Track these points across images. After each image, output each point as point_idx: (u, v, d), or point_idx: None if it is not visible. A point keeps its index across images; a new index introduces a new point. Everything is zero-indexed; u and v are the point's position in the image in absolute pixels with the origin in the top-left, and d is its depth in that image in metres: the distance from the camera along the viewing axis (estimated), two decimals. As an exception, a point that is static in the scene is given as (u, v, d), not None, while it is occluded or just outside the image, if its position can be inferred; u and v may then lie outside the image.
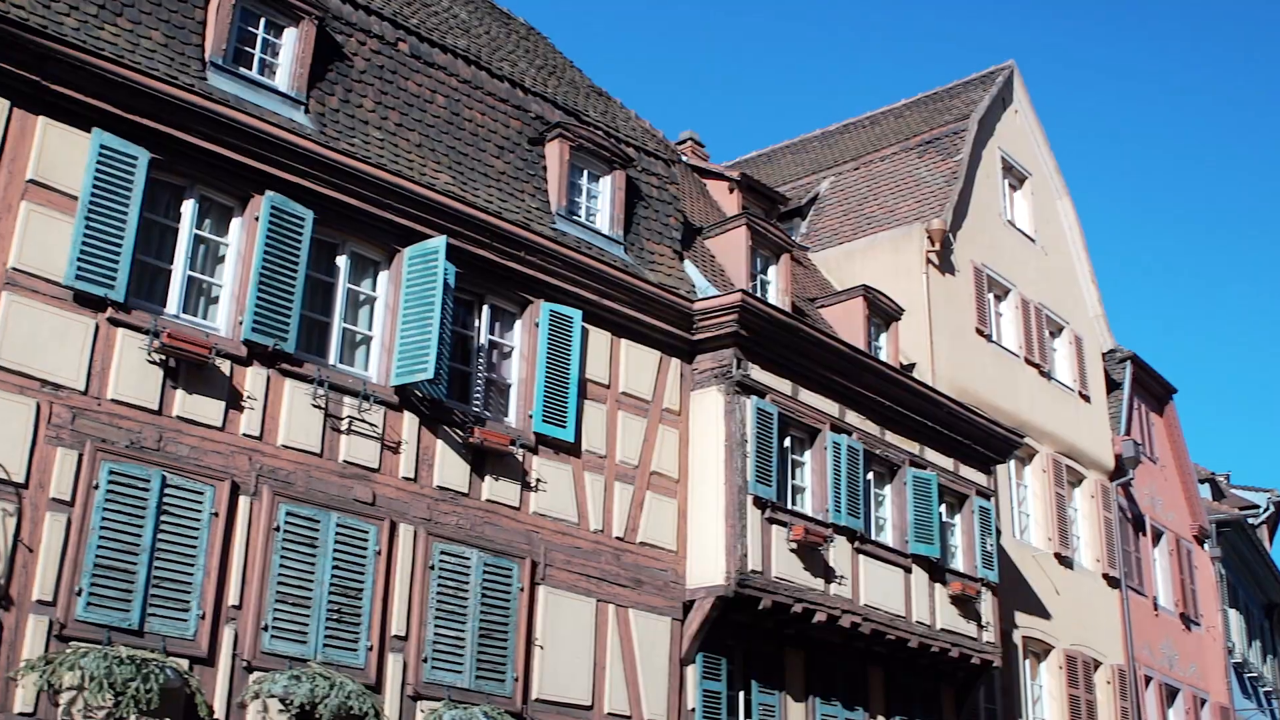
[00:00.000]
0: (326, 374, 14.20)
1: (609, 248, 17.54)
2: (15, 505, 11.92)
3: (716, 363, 17.69)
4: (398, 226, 15.12)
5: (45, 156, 12.86)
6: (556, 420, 16.01)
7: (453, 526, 14.82)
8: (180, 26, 14.38)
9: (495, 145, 17.04)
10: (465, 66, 17.32)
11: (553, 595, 15.50)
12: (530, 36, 20.42)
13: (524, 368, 16.15)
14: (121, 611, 12.21)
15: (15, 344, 12.23)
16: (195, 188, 13.95)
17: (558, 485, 15.96)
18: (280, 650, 13.13)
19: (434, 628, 14.35)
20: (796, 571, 17.55)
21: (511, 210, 16.45)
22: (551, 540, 15.70)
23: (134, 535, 12.45)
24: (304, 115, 14.95)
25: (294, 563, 13.43)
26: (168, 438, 12.93)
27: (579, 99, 19.14)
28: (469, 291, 15.85)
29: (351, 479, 14.13)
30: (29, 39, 12.73)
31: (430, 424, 14.96)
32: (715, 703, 16.78)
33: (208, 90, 14.05)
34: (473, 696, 14.43)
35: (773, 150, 32.61)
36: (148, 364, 12.97)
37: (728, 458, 17.14)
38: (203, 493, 12.98)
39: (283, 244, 14.06)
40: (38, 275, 12.51)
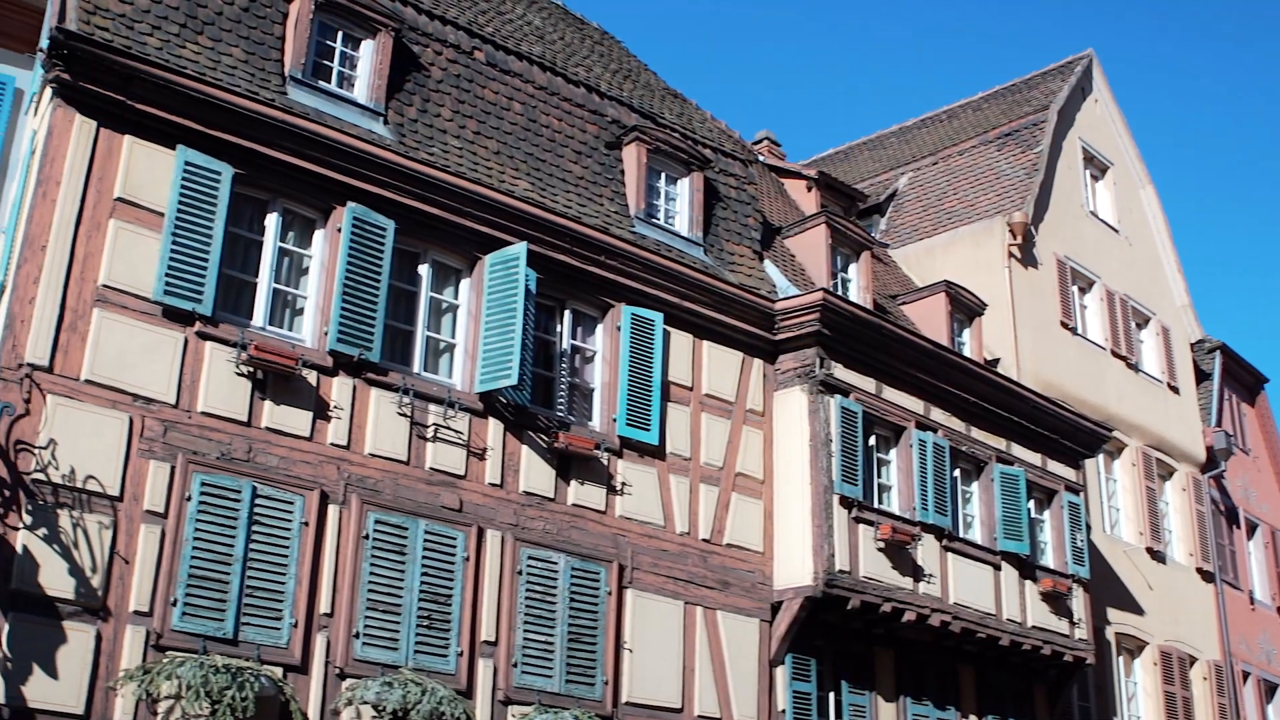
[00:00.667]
0: (411, 382, 14.31)
1: (689, 249, 17.53)
2: (111, 518, 12.13)
3: (799, 362, 17.61)
4: (478, 234, 15.20)
5: (132, 175, 13.09)
6: (640, 423, 16.01)
7: (539, 531, 14.87)
8: (260, 42, 14.56)
9: (573, 150, 17.09)
10: (541, 73, 17.38)
11: (640, 598, 15.51)
12: (604, 41, 20.46)
13: (607, 372, 16.18)
14: (216, 621, 12.38)
15: (107, 359, 12.47)
16: (278, 201, 14.12)
17: (643, 488, 15.97)
18: (372, 657, 13.24)
19: (523, 632, 14.40)
20: (884, 571, 17.43)
21: (591, 214, 16.49)
22: (638, 543, 15.70)
23: (226, 545, 12.62)
24: (383, 126, 15.09)
25: (383, 570, 13.54)
26: (257, 449, 13.09)
27: (655, 102, 19.15)
28: (550, 297, 15.91)
29: (438, 486, 14.22)
30: (114, 60, 12.97)
31: (515, 430, 15.03)
32: (805, 704, 16.70)
33: (288, 104, 14.22)
34: (563, 700, 14.46)
35: (850, 147, 32.45)
36: (236, 376, 13.15)
37: (813, 457, 17.06)
38: (293, 502, 13.12)
39: (365, 254, 14.19)
40: (127, 291, 12.74)
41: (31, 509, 11.78)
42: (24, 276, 12.34)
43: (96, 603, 11.88)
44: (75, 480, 12.02)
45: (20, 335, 12.17)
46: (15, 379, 12.03)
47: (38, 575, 11.65)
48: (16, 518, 11.70)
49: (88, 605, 11.83)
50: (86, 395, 12.30)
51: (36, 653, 11.50)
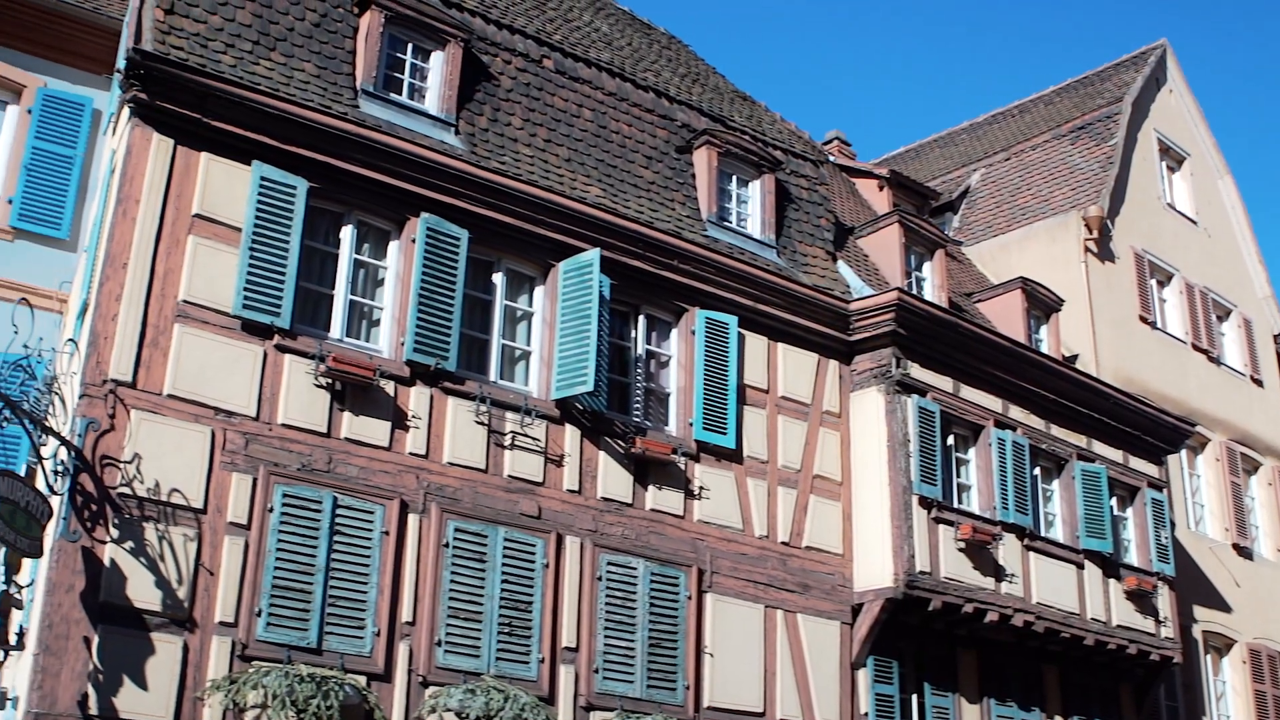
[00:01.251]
0: (488, 390, 14.38)
1: (761, 252, 17.49)
2: (195, 530, 12.30)
3: (875, 363, 17.52)
4: (551, 241, 15.25)
5: (209, 191, 13.27)
6: (717, 427, 15.98)
7: (618, 537, 14.89)
8: (331, 57, 14.71)
9: (643, 155, 17.11)
10: (610, 79, 17.42)
11: (720, 602, 15.47)
12: (672, 45, 20.46)
13: (682, 376, 16.17)
14: (300, 630, 12.50)
15: (189, 374, 12.64)
16: (353, 213, 14.25)
17: (721, 492, 15.94)
18: (454, 665, 13.31)
19: (604, 638, 14.42)
20: (965, 571, 17.28)
21: (663, 219, 16.50)
22: (717, 547, 15.68)
23: (309, 556, 12.74)
24: (454, 136, 15.18)
25: (464, 578, 13.61)
26: (337, 459, 13.21)
27: (724, 105, 19.13)
28: (624, 302, 15.93)
29: (517, 493, 14.28)
30: (190, 78, 13.15)
31: (592, 436, 15.06)
32: (888, 706, 16.59)
33: (361, 117, 14.35)
34: (645, 706, 14.46)
35: (920, 145, 32.24)
36: (315, 388, 13.28)
37: (891, 458, 16.95)
38: (373, 512, 13.22)
39: (440, 264, 14.28)
40: (207, 306, 12.92)
41: (118, 522, 11.97)
42: (106, 294, 12.53)
43: (183, 614, 12.04)
44: (160, 493, 12.20)
45: (104, 352, 12.36)
46: (100, 395, 12.22)
47: (125, 588, 11.83)
48: (104, 531, 11.89)
49: (175, 617, 11.99)
50: (169, 410, 12.48)
51: (126, 664, 11.67)
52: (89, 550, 11.79)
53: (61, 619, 11.53)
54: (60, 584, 11.62)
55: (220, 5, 14.12)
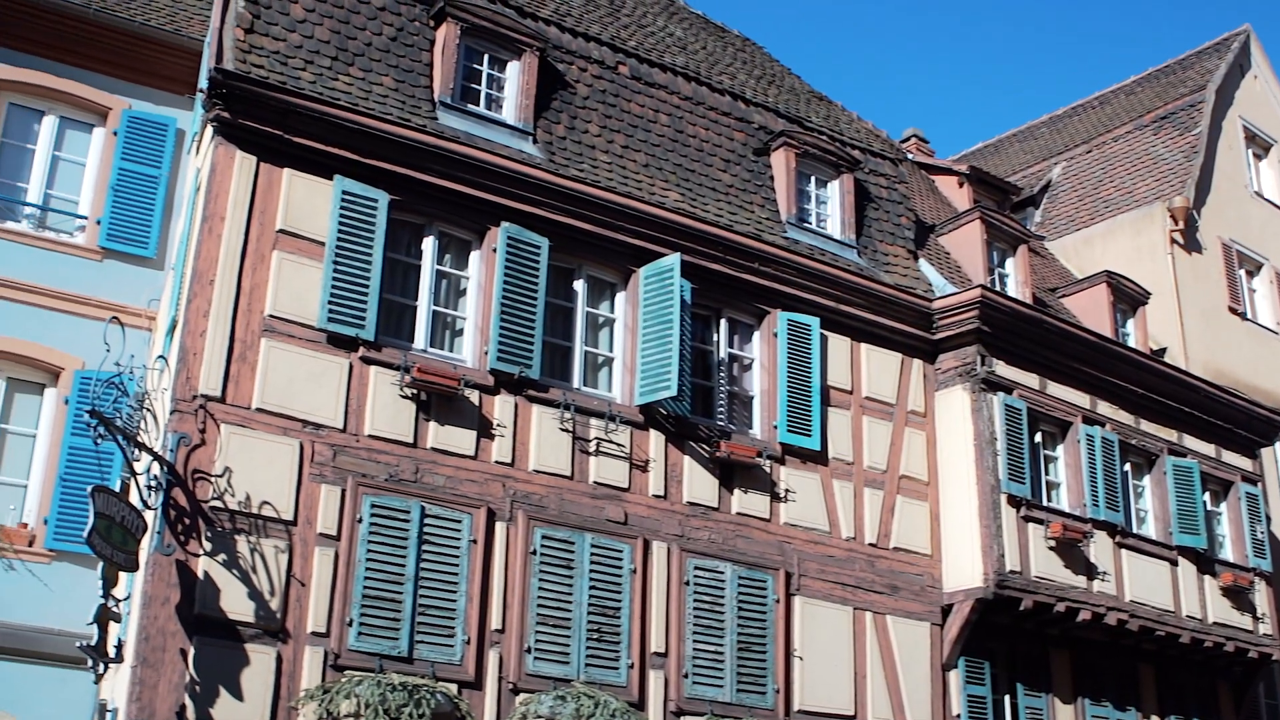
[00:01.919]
0: (572, 397, 14.42)
1: (842, 252, 17.40)
2: (286, 542, 12.44)
3: (960, 361, 17.37)
4: (631, 247, 15.28)
5: (292, 206, 13.43)
6: (801, 429, 15.92)
7: (705, 541, 14.87)
8: (409, 70, 14.83)
9: (721, 159, 17.09)
10: (686, 83, 17.42)
11: (809, 605, 15.40)
12: (746, 48, 20.43)
13: (765, 379, 16.12)
14: (391, 640, 12.59)
15: (276, 387, 12.80)
16: (434, 225, 14.35)
17: (807, 495, 15.87)
18: (544, 671, 13.36)
19: (693, 643, 14.40)
20: (1057, 569, 17.08)
21: (742, 222, 16.46)
22: (804, 550, 15.61)
23: (398, 565, 12.84)
24: (532, 145, 15.25)
25: (552, 585, 13.65)
26: (424, 469, 13.30)
27: (800, 106, 19.06)
28: (706, 306, 15.91)
29: (603, 499, 14.31)
30: (271, 96, 13.32)
31: (676, 440, 15.05)
32: (980, 707, 16.42)
33: (439, 129, 14.46)
34: (735, 710, 14.43)
35: (999, 140, 31.95)
36: (400, 399, 13.39)
37: (978, 457, 16.79)
38: (460, 521, 13.30)
39: (521, 273, 14.34)
40: (293, 320, 13.08)
41: (211, 536, 12.14)
42: (194, 310, 12.72)
43: (276, 625, 12.18)
44: (251, 506, 12.35)
45: (193, 368, 12.55)
46: (190, 410, 12.40)
47: (219, 600, 12.00)
48: (197, 544, 12.07)
49: (268, 627, 12.14)
50: (258, 423, 12.65)
51: (222, 674, 11.84)
52: (183, 563, 11.96)
53: (158, 631, 11.71)
54: (156, 597, 11.80)
55: (299, 23, 14.29)
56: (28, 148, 16.36)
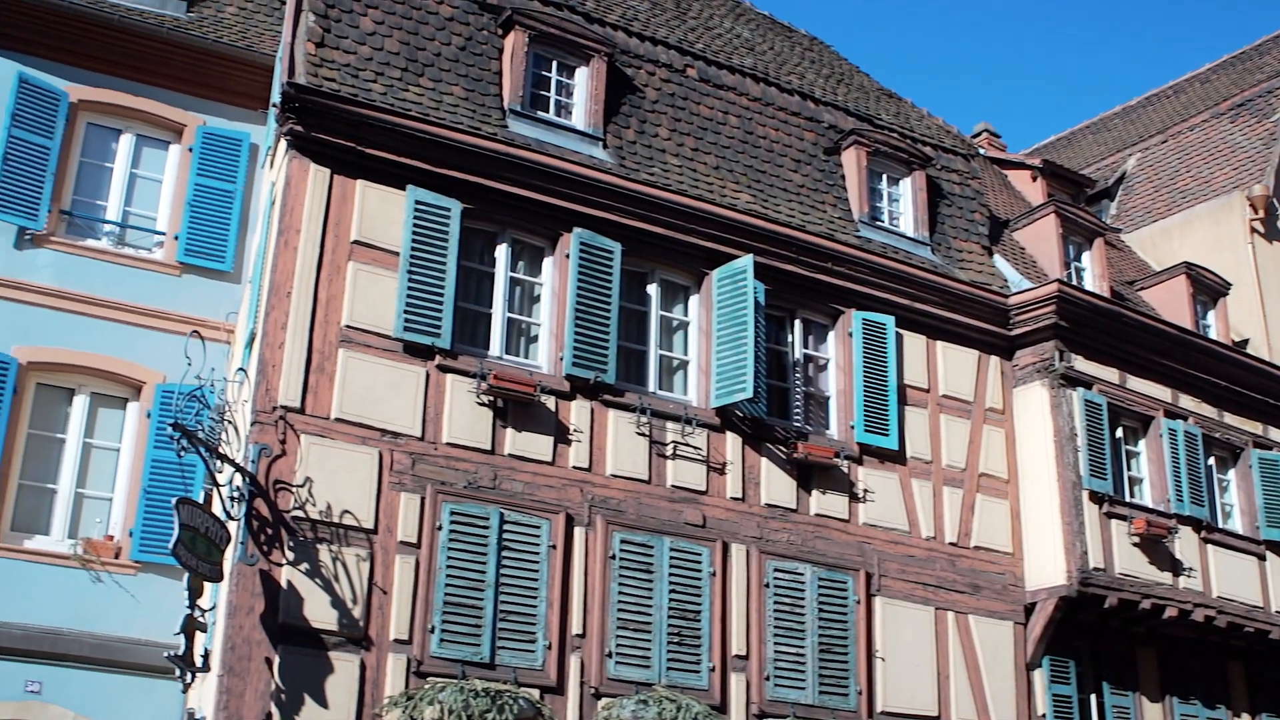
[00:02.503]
0: (648, 401, 14.43)
1: (916, 250, 17.28)
2: (367, 550, 12.54)
3: (1038, 357, 17.19)
4: (704, 250, 15.26)
5: (366, 217, 13.55)
6: (879, 429, 15.83)
7: (784, 543, 14.81)
8: (478, 79, 14.92)
9: (791, 159, 17.03)
10: (754, 84, 17.39)
11: (890, 606, 15.30)
12: (814, 47, 20.36)
13: (841, 379, 16.04)
14: (473, 646, 12.66)
15: (355, 397, 12.91)
16: (507, 232, 14.42)
17: (885, 494, 15.77)
18: (625, 676, 13.37)
19: (774, 645, 14.35)
20: (1141, 566, 16.85)
21: (814, 222, 16.40)
22: (884, 550, 15.51)
23: (478, 572, 12.90)
24: (603, 151, 15.28)
25: (632, 589, 13.66)
26: (502, 475, 13.36)
27: (870, 104, 18.96)
28: (779, 307, 15.86)
29: (681, 503, 14.30)
30: (343, 108, 13.46)
31: (753, 443, 15.01)
32: (1066, 707, 16.23)
33: (510, 137, 14.52)
34: (817, 712, 14.36)
35: (1072, 132, 31.59)
36: (477, 406, 13.46)
37: (1058, 453, 16.61)
38: (539, 526, 13.35)
39: (594, 278, 14.37)
40: (369, 330, 13.19)
41: (293, 545, 12.27)
42: (272, 323, 12.85)
43: (359, 633, 12.28)
44: (332, 515, 12.47)
45: (272, 379, 12.68)
46: (270, 421, 12.54)
47: (303, 609, 12.11)
48: (280, 554, 12.20)
49: (351, 635, 12.24)
50: (337, 433, 12.76)
51: (306, 682, 11.96)
52: (266, 573, 12.09)
53: (243, 640, 11.84)
54: (241, 606, 11.93)
55: (369, 35, 14.42)
56: (106, 166, 16.61)
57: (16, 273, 15.48)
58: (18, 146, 15.77)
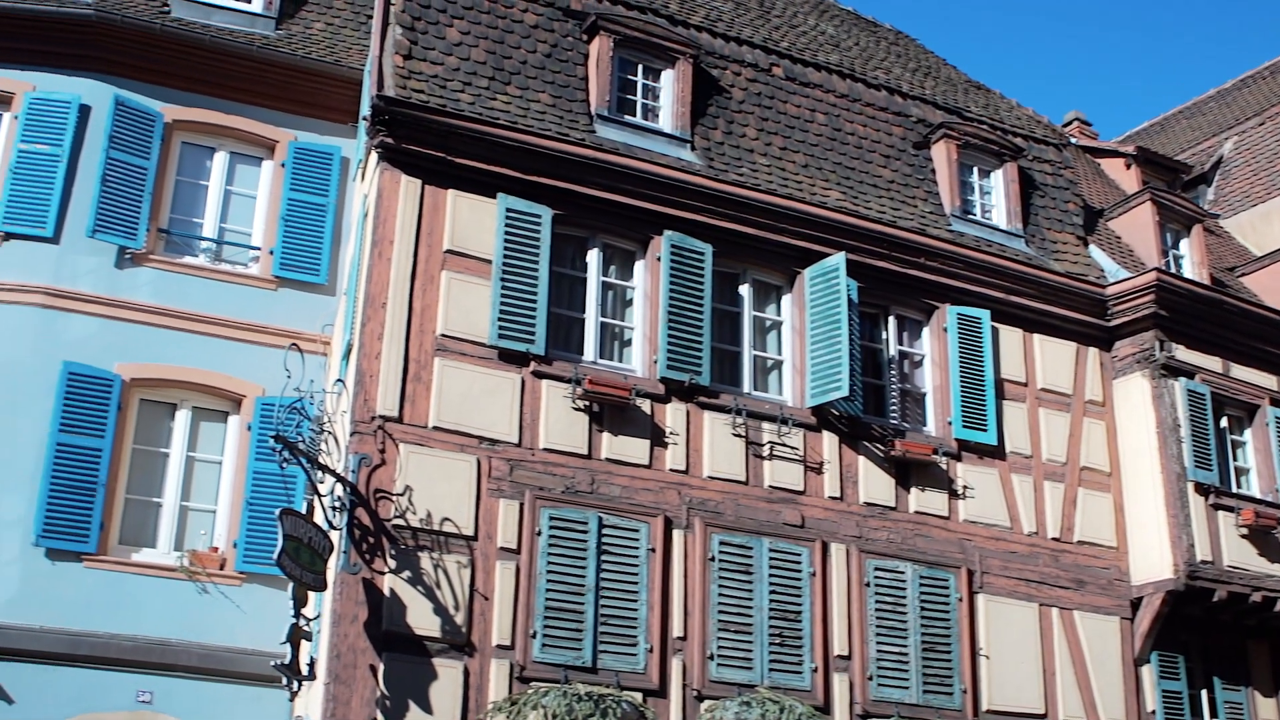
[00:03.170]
0: (743, 402, 14.39)
1: (1009, 242, 17.08)
2: (468, 557, 12.62)
3: (1137, 347, 16.91)
4: (795, 249, 15.20)
5: (458, 226, 13.66)
6: (977, 424, 15.66)
7: (884, 542, 14.70)
8: (565, 85, 14.97)
9: (881, 155, 16.92)
10: (841, 81, 17.28)
11: (993, 603, 15.12)
12: (899, 41, 20.20)
13: (937, 375, 15.90)
14: (574, 650, 12.69)
15: (451, 405, 13.02)
16: (597, 237, 14.46)
17: (985, 490, 15.59)
18: (727, 678, 13.33)
19: (876, 644, 14.25)
20: (1250, 558, 16.51)
21: (905, 217, 16.27)
22: (985, 547, 15.33)
23: (578, 576, 12.94)
24: (691, 153, 15.27)
25: (732, 590, 13.63)
26: (599, 480, 13.39)
27: (958, 96, 18.78)
28: (873, 304, 15.75)
29: (779, 503, 14.24)
30: (432, 119, 13.58)
31: (850, 441, 14.92)
32: (1176, 703, 15.94)
33: (598, 142, 14.56)
34: (922, 711, 14.23)
35: (1165, 118, 31.03)
36: (573, 411, 13.51)
37: (1161, 445, 16.32)
38: (638, 530, 13.36)
39: (686, 280, 14.37)
40: (464, 339, 13.29)
41: (395, 553, 12.38)
42: (369, 334, 12.99)
43: (461, 639, 12.36)
44: (432, 523, 12.57)
45: (370, 390, 12.80)
46: (369, 431, 12.66)
47: (406, 616, 12.22)
48: (382, 562, 12.31)
49: (454, 642, 12.33)
50: (435, 441, 12.86)
51: (411, 689, 12.06)
52: (369, 581, 12.21)
53: (348, 649, 11.97)
54: (345, 615, 12.06)
55: (455, 46, 14.53)
56: (201, 184, 16.87)
57: (118, 291, 15.76)
58: (116, 168, 16.07)
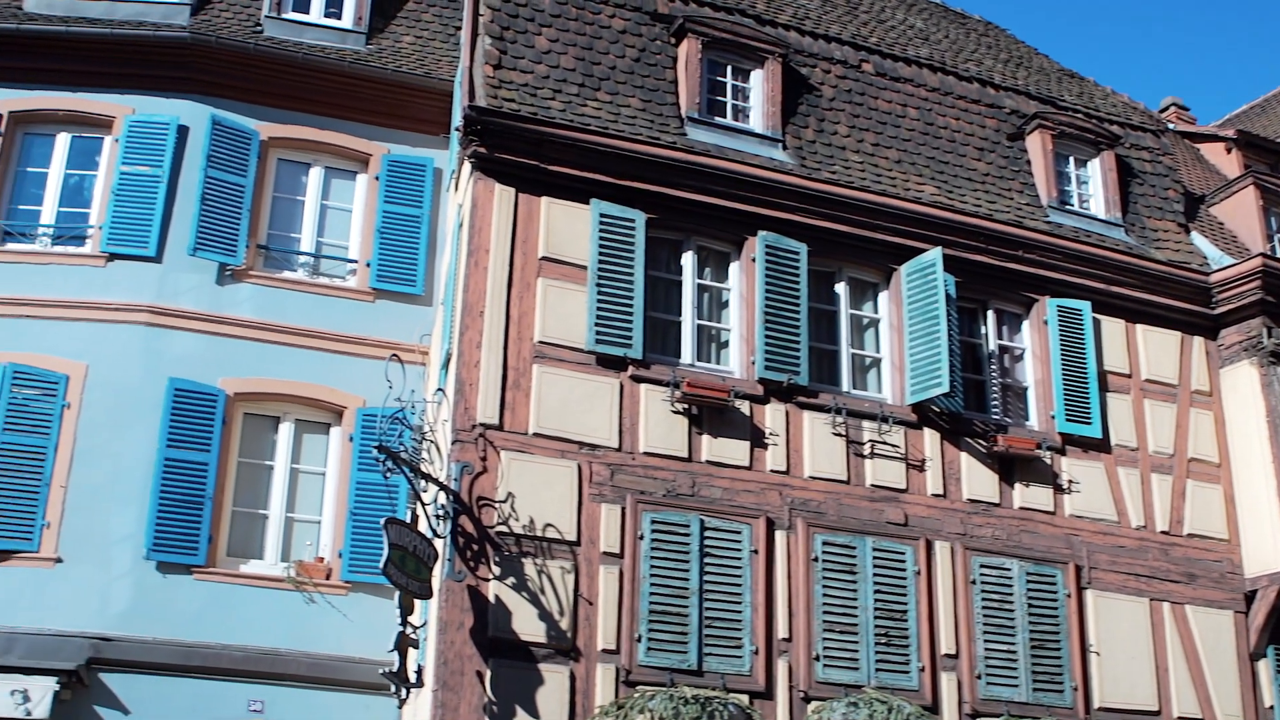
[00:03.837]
0: (842, 401, 14.32)
1: (1108, 232, 16.83)
2: (571, 562, 12.67)
3: (1244, 335, 16.58)
4: (890, 245, 15.09)
5: (552, 233, 13.73)
6: (1080, 417, 15.44)
7: (989, 538, 14.54)
8: (654, 89, 15.00)
9: (974, 147, 16.75)
10: (931, 74, 17.14)
11: (1102, 598, 14.88)
12: (989, 32, 19.99)
13: (1038, 368, 15.70)
14: (679, 653, 12.69)
15: (551, 411, 13.09)
16: (691, 239, 14.46)
17: (1091, 484, 15.36)
18: (833, 678, 13.26)
19: (983, 642, 14.09)
20: (1370, 548, 16.13)
21: (1002, 210, 16.09)
22: (1092, 541, 15.10)
23: (681, 579, 12.94)
24: (782, 152, 15.22)
25: (836, 591, 13.56)
26: (700, 482, 13.38)
27: (1052, 85, 18.54)
28: (971, 299, 15.60)
29: (881, 502, 14.14)
30: (524, 128, 13.68)
31: (952, 438, 14.78)
32: (1295, 697, 15.61)
33: (689, 144, 14.57)
34: (1032, 710, 14.04)
35: (1266, 100, 30.39)
36: (672, 414, 13.52)
37: (1272, 434, 15.97)
38: (740, 531, 13.33)
39: (781, 280, 14.33)
40: (562, 345, 13.36)
41: (499, 560, 12.45)
42: (467, 343, 13.08)
43: (567, 644, 12.41)
44: (535, 529, 12.63)
45: (470, 398, 12.90)
46: (470, 439, 12.75)
47: (511, 622, 12.29)
48: (486, 569, 12.40)
49: (559, 647, 12.38)
50: (536, 448, 12.93)
51: (518, 695, 12.13)
52: (474, 589, 12.29)
53: (455, 656, 12.05)
54: (451, 622, 12.15)
55: (544, 54, 14.61)
56: (298, 199, 17.09)
57: (220, 307, 16.02)
58: (214, 186, 16.34)
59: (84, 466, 15.06)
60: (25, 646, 14.19)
